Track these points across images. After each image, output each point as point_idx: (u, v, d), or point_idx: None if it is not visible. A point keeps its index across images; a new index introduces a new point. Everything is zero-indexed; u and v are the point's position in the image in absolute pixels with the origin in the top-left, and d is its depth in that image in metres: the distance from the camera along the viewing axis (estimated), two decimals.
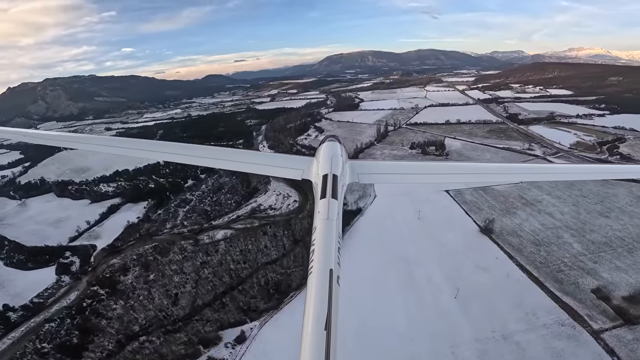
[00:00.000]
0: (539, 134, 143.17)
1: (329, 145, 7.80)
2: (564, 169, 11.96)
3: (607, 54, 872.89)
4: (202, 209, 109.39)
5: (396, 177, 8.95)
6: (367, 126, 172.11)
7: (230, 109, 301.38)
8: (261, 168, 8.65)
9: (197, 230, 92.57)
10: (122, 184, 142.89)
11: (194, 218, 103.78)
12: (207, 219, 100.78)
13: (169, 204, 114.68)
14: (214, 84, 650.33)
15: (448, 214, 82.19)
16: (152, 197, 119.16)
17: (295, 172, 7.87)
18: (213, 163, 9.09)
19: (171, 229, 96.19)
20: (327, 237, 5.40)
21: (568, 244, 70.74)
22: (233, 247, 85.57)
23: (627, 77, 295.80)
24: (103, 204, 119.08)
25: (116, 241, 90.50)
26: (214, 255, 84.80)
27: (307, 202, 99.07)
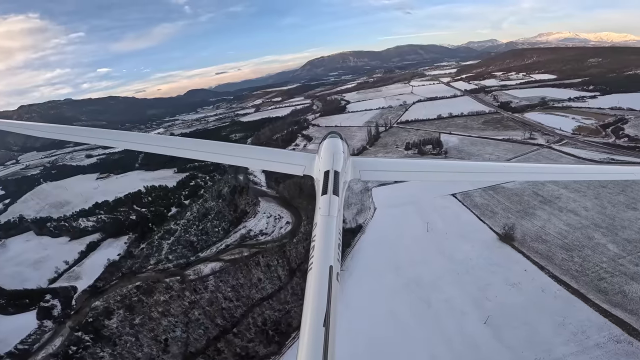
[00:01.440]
0: (536, 121, 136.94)
1: (330, 142, 7.96)
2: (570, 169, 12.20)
3: (575, 36, 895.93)
4: (187, 240, 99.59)
5: (398, 175, 9.46)
6: (356, 129, 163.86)
7: (214, 124, 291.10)
8: (264, 164, 9.10)
9: (184, 264, 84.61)
10: (102, 217, 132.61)
11: (179, 251, 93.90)
12: (194, 251, 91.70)
13: (152, 237, 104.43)
14: (197, 99, 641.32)
15: (459, 222, 73.76)
16: (134, 230, 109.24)
17: (298, 167, 8.16)
18: (219, 158, 9.57)
19: (155, 265, 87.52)
20: (327, 234, 5.40)
21: (602, 246, 62.87)
22: (223, 282, 76.85)
23: (605, 58, 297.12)
24: (82, 240, 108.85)
25: (98, 281, 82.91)
26: (203, 293, 76.32)
27: (300, 223, 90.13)
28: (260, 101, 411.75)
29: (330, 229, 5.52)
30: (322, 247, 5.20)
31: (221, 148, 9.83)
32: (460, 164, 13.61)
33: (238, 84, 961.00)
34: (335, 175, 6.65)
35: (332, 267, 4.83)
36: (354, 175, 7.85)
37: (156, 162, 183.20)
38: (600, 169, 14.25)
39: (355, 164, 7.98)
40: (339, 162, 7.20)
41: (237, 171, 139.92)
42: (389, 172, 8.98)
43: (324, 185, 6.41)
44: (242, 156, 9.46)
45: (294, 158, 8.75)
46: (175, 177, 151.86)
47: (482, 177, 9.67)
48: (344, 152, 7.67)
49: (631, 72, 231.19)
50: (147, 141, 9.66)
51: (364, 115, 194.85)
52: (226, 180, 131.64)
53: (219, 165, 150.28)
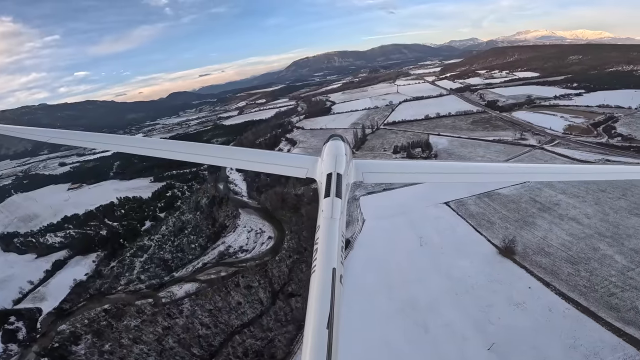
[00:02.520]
0: (525, 120, 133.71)
1: (333, 144, 7.95)
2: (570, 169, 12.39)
3: (552, 34, 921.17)
4: (161, 258, 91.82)
5: (401, 177, 8.93)
6: (342, 132, 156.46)
7: (195, 128, 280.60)
8: (266, 167, 9.15)
9: (157, 285, 78.04)
10: (71, 232, 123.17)
11: (152, 270, 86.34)
12: (168, 271, 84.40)
13: (124, 254, 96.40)
14: (179, 102, 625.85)
15: (455, 234, 68.11)
16: (104, 247, 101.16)
17: (300, 170, 8.03)
18: (220, 162, 9.66)
19: (126, 286, 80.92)
20: (330, 236, 5.43)
21: (609, 257, 58.21)
22: (200, 306, 69.96)
23: (586, 55, 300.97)
24: (49, 258, 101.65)
25: (64, 303, 76.68)
26: (177, 318, 68.76)
27: (283, 238, 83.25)
28: (244, 103, 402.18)
29: (333, 231, 5.54)
30: (325, 249, 5.24)
31: (223, 152, 10.66)
32: (464, 165, 11.93)
33: (222, 86, 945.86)
34: (337, 178, 6.59)
35: (335, 269, 4.85)
36: (356, 178, 7.69)
37: (132, 171, 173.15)
38: (601, 168, 13.71)
39: (357, 166, 7.89)
40: (342, 164, 7.09)
41: (217, 180, 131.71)
42: (392, 174, 8.82)
43: (327, 188, 6.40)
44: (245, 159, 9.51)
45: (297, 161, 8.80)
46: (152, 187, 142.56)
47: (486, 178, 9.35)
48: (346, 155, 7.60)
49: (612, 69, 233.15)
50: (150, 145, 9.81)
51: (349, 117, 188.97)
52: (205, 190, 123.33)
53: (197, 174, 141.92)
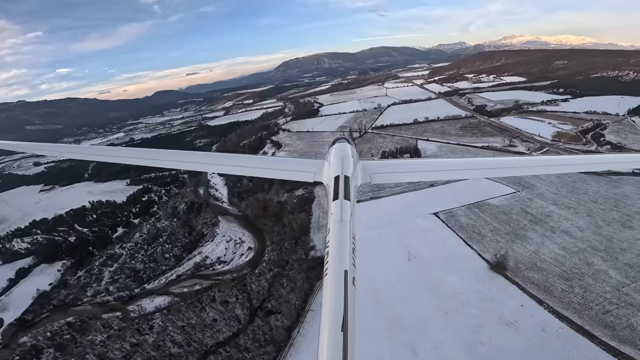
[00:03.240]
0: (513, 126, 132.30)
1: (339, 147, 7.89)
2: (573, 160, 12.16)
3: (537, 39, 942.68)
4: (132, 268, 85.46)
5: (409, 175, 8.90)
6: (329, 135, 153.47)
7: (179, 128, 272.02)
8: (273, 172, 9.23)
9: (126, 298, 72.78)
10: (38, 237, 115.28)
11: (122, 281, 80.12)
12: (139, 282, 78.40)
13: (92, 263, 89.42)
14: (164, 101, 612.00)
15: (445, 247, 64.57)
16: (72, 255, 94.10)
17: (307, 175, 8.12)
18: (226, 169, 9.65)
19: (93, 297, 75.25)
20: (341, 239, 5.46)
21: (603, 273, 55.96)
22: (172, 322, 64.35)
23: (571, 60, 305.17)
24: (14, 265, 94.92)
25: (26, 314, 71.84)
26: (147, 335, 63.25)
27: (264, 250, 78.25)
28: (231, 103, 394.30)
29: (344, 233, 5.57)
30: (337, 252, 5.25)
31: (230, 160, 10.64)
32: (471, 161, 12.23)
33: (210, 85, 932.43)
34: (345, 180, 6.60)
35: (347, 271, 4.86)
36: (364, 179, 7.74)
37: (108, 172, 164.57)
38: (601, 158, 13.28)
39: (365, 168, 7.97)
40: (349, 166, 7.08)
41: (197, 184, 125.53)
42: (399, 173, 8.70)
43: (335, 191, 6.41)
44: (251, 167, 9.56)
45: (303, 165, 8.76)
46: (127, 191, 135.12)
47: (494, 174, 9.30)
48: (353, 157, 7.58)
49: (598, 75, 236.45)
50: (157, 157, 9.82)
51: (337, 120, 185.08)
52: (184, 195, 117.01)
53: (177, 177, 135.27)
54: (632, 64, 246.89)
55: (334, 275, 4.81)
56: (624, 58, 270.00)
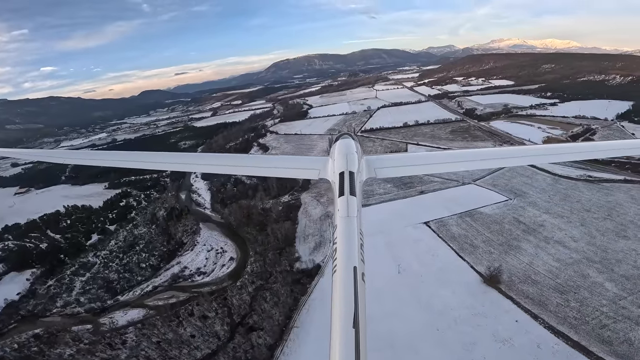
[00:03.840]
0: (503, 130, 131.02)
1: (343, 143, 7.87)
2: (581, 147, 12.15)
3: (524, 43, 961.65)
4: (106, 278, 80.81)
5: (414, 169, 8.88)
6: (318, 138, 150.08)
7: (164, 129, 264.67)
8: (278, 171, 9.34)
9: (98, 309, 68.80)
10: (9, 244, 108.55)
11: (94, 292, 75.53)
12: (112, 293, 74.19)
13: (64, 272, 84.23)
14: (151, 101, 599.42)
15: (436, 259, 61.49)
16: (42, 263, 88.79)
17: (312, 172, 8.10)
18: (230, 170, 9.83)
19: (63, 308, 71.29)
20: (348, 235, 5.48)
21: (599, 285, 53.78)
22: (146, 337, 60.17)
23: (558, 64, 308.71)
24: None
25: None
26: (120, 349, 58.85)
27: (247, 261, 74.06)
28: (219, 104, 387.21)
29: (352, 229, 5.58)
30: (345, 248, 5.22)
31: (234, 160, 10.94)
32: (476, 152, 10.69)
33: (199, 85, 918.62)
34: (350, 176, 6.59)
35: (356, 267, 4.85)
36: (369, 174, 7.63)
37: (86, 175, 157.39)
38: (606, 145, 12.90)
39: (369, 163, 7.89)
40: (354, 162, 7.07)
41: (179, 188, 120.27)
42: (404, 167, 8.80)
43: (340, 187, 6.39)
44: (256, 166, 9.67)
45: (308, 163, 8.88)
46: (105, 195, 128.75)
47: (500, 163, 9.41)
48: (357, 152, 7.58)
49: (584, 79, 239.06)
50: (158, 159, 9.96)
51: (326, 122, 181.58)
52: (164, 200, 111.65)
53: (158, 181, 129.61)
54: (618, 68, 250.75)
55: (344, 271, 4.81)
56: (610, 62, 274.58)
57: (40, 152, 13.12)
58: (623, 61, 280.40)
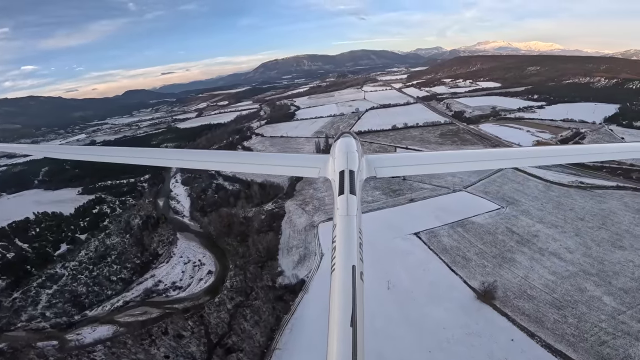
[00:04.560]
0: (492, 134, 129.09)
1: (344, 141, 7.89)
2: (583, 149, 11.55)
3: (508, 45, 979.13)
4: (74, 292, 75.46)
5: (415, 169, 8.80)
6: (304, 141, 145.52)
7: (145, 130, 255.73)
8: (279, 169, 9.06)
9: (65, 325, 64.72)
10: None
11: (61, 305, 70.62)
12: (80, 308, 69.43)
13: (30, 284, 79.03)
14: (135, 101, 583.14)
15: (427, 274, 57.81)
16: (8, 274, 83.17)
17: (312, 170, 8.10)
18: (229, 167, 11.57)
19: (28, 322, 66.93)
20: (348, 234, 5.42)
21: (597, 300, 51.22)
22: (116, 356, 56.05)
23: (543, 66, 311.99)
24: None
25: None
26: None
27: (226, 275, 69.15)
28: (205, 105, 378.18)
29: (351, 228, 5.52)
30: (344, 247, 5.21)
31: (235, 157, 11.27)
32: (477, 152, 11.60)
33: (185, 85, 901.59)
34: (350, 175, 6.62)
35: (354, 266, 4.85)
36: (369, 173, 7.67)
37: (59, 179, 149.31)
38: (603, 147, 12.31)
39: (369, 162, 7.89)
40: (354, 161, 7.10)
41: (157, 194, 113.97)
42: (405, 167, 8.50)
43: (340, 186, 6.40)
44: (257, 163, 9.77)
45: (308, 161, 8.92)
46: (79, 200, 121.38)
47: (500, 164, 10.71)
48: (357, 151, 7.59)
49: (570, 81, 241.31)
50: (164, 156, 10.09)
51: (313, 124, 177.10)
52: (140, 207, 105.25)
53: (135, 186, 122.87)
54: (602, 70, 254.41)
55: (342, 270, 4.80)
56: (594, 65, 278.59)
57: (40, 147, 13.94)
58: (607, 64, 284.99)
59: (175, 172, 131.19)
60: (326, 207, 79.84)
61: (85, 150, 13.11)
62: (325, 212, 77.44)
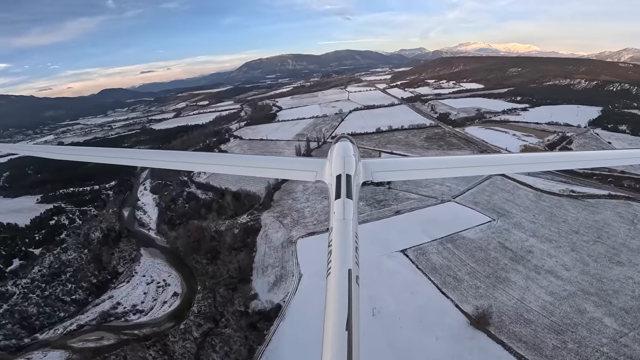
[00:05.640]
0: (479, 138, 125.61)
1: (341, 145, 7.99)
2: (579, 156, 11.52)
3: (489, 47, 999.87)
4: (23, 312, 66.46)
5: (412, 174, 9.03)
6: (284, 144, 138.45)
7: (118, 132, 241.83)
8: (275, 172, 9.91)
9: (13, 348, 58.78)
10: None
11: (9, 328, 63.29)
12: (30, 330, 62.40)
13: None
14: (111, 100, 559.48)
15: (415, 298, 52.25)
16: None
17: (309, 174, 8.09)
18: (225, 169, 9.58)
19: None
20: (344, 237, 5.45)
21: (598, 322, 47.17)
22: None
23: (524, 68, 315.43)
24: None
25: None
26: None
27: (194, 297, 62.01)
28: (184, 104, 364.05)
29: (347, 232, 5.52)
30: (340, 250, 5.18)
31: (230, 159, 11.12)
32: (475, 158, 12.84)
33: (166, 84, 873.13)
34: (347, 179, 6.65)
35: (350, 270, 4.82)
36: (365, 178, 7.71)
37: (20, 185, 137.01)
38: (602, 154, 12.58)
39: (366, 166, 7.91)
40: (351, 165, 7.13)
41: (123, 203, 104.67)
42: (402, 171, 8.77)
43: (337, 190, 6.44)
44: (253, 166, 9.54)
45: (305, 164, 8.84)
46: (37, 210, 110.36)
47: (499, 170, 9.42)
48: (354, 155, 7.63)
49: (550, 83, 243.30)
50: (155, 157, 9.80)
51: (295, 126, 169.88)
52: (103, 218, 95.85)
53: (99, 194, 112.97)
54: (582, 72, 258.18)
55: (338, 274, 4.79)
56: (574, 66, 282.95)
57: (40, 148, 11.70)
58: (585, 65, 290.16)
59: (145, 177, 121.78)
60: (306, 220, 73.38)
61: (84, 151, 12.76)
62: (305, 226, 71.01)
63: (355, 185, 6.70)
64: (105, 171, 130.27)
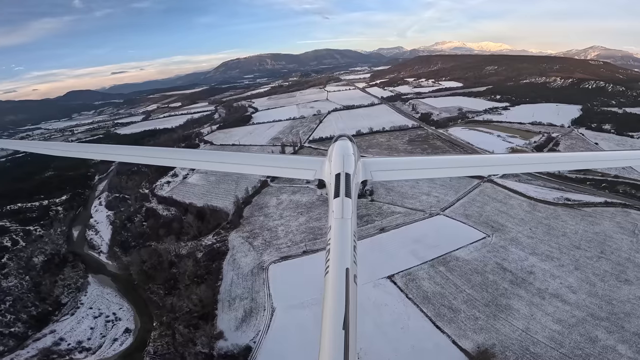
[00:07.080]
0: (463, 140, 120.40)
1: (340, 144, 8.15)
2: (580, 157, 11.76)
3: (463, 45, 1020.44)
4: None
5: (411, 173, 9.11)
6: (258, 150, 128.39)
7: (79, 137, 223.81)
8: (275, 170, 9.64)
9: None
10: None
11: None
12: None
13: None
14: (78, 102, 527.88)
15: (407, 334, 44.56)
16: None
17: (308, 172, 8.29)
18: (224, 167, 10.01)
19: None
20: (342, 236, 5.58)
21: (611, 350, 41.85)
22: None
23: (501, 66, 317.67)
24: None
25: None
26: None
27: (149, 333, 52.23)
28: (155, 107, 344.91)
29: (345, 231, 5.62)
30: (338, 249, 5.28)
31: (228, 157, 10.61)
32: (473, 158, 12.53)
33: (139, 85, 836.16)
34: (346, 178, 6.64)
35: (348, 269, 4.90)
36: (365, 177, 7.65)
37: None
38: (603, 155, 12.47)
39: (365, 165, 7.91)
40: (350, 164, 7.13)
41: (73, 221, 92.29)
42: (401, 171, 8.61)
43: (336, 188, 6.45)
44: (252, 164, 9.42)
45: (304, 163, 8.92)
46: None
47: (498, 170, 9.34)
48: (354, 154, 7.65)
49: (527, 81, 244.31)
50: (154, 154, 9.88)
51: (270, 129, 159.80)
52: (49, 239, 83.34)
53: (49, 210, 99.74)
54: (556, 70, 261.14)
55: (336, 272, 4.85)
56: (548, 64, 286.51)
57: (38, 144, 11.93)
58: (559, 63, 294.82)
59: (102, 191, 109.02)
60: (279, 241, 64.47)
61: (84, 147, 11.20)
62: (278, 248, 62.15)
63: (354, 184, 6.79)
64: (56, 184, 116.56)
